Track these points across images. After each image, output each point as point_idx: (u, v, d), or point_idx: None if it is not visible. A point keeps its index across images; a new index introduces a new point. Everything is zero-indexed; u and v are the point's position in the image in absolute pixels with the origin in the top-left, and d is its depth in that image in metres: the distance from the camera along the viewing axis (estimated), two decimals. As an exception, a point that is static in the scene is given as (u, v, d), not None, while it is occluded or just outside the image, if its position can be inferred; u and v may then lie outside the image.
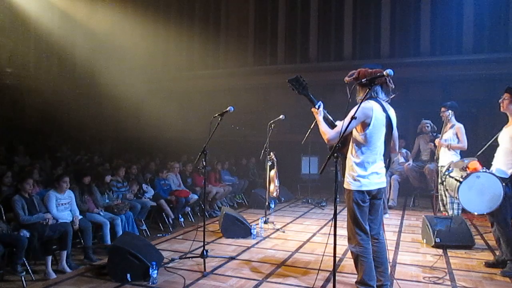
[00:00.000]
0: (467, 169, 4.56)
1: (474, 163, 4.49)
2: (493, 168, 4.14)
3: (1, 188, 5.25)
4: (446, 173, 4.97)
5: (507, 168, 4.00)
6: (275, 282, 3.81)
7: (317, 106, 3.25)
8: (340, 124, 3.02)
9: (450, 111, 5.87)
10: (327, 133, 3.08)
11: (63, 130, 12.57)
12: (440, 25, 10.17)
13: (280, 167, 7.37)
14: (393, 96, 3.17)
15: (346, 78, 3.21)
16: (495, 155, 4.17)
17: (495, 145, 4.20)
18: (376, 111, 3.04)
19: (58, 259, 4.33)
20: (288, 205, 8.24)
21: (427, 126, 7.38)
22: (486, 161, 4.35)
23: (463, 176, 4.42)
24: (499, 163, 4.09)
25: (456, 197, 4.49)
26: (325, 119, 3.27)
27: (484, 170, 4.29)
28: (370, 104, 3.03)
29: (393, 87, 3.12)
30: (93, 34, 12.89)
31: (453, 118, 5.91)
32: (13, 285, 3.89)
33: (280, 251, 4.89)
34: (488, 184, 4.09)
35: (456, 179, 4.54)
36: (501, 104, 4.07)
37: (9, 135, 10.56)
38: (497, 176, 4.06)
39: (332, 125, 3.27)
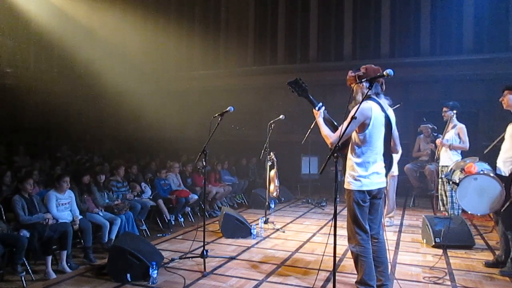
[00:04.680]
0: (463, 171, 4.57)
1: (469, 165, 4.50)
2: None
3: (1, 188, 5.25)
4: (443, 176, 4.97)
5: (505, 166, 4.00)
6: (275, 282, 3.81)
7: (317, 108, 3.24)
8: (341, 127, 3.02)
9: (453, 111, 5.86)
10: (330, 137, 3.08)
11: (63, 130, 12.57)
12: (440, 25, 10.17)
13: (280, 167, 7.37)
14: (398, 105, 3.18)
15: (351, 74, 3.17)
16: (500, 152, 4.17)
17: (500, 144, 4.20)
18: (375, 111, 3.04)
19: (58, 259, 4.33)
20: (288, 205, 8.24)
21: (428, 130, 7.38)
22: (491, 160, 4.35)
23: (460, 178, 4.43)
24: (499, 161, 4.10)
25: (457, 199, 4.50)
26: (326, 120, 3.26)
27: (481, 171, 4.29)
28: (369, 104, 3.03)
29: (383, 80, 3.12)
30: (93, 34, 12.87)
31: (455, 118, 5.90)
32: (13, 285, 3.89)
33: (280, 251, 4.89)
34: (487, 185, 4.10)
35: (454, 182, 4.55)
36: (502, 102, 4.06)
37: (9, 135, 10.56)
38: (495, 177, 4.07)
39: (333, 126, 3.27)
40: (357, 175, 3.09)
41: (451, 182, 4.79)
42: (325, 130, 3.15)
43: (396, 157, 4.95)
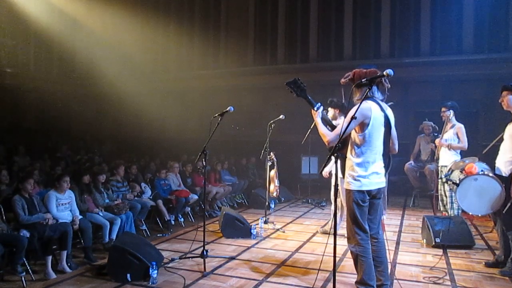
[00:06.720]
0: (463, 171, 4.56)
1: (470, 166, 4.49)
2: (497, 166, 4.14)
3: (1, 188, 5.25)
4: (443, 176, 4.97)
5: (505, 166, 4.00)
6: (275, 282, 3.81)
7: (315, 108, 3.24)
8: (340, 126, 3.02)
9: (451, 111, 5.88)
10: (327, 135, 3.08)
11: (63, 130, 12.56)
12: (440, 25, 10.17)
13: (280, 167, 7.37)
14: (394, 102, 3.17)
15: (342, 80, 3.22)
16: (499, 152, 4.17)
17: (498, 144, 4.20)
18: (375, 111, 3.04)
19: (58, 259, 4.33)
20: (288, 205, 8.24)
21: (429, 128, 7.38)
22: (490, 160, 4.35)
23: (460, 179, 4.43)
24: (499, 161, 4.10)
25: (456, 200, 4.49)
26: (324, 120, 3.26)
27: (481, 171, 4.29)
28: (368, 104, 3.03)
29: (389, 86, 3.11)
30: (93, 34, 12.89)
31: (453, 118, 5.92)
32: (13, 285, 3.89)
33: (280, 251, 4.89)
34: (487, 186, 4.10)
35: (453, 182, 4.55)
36: (502, 104, 4.07)
37: (9, 135, 10.55)
38: (495, 177, 4.07)
39: (331, 127, 3.27)
40: (356, 175, 3.09)
41: (450, 182, 4.79)
42: (322, 128, 3.16)
43: None
